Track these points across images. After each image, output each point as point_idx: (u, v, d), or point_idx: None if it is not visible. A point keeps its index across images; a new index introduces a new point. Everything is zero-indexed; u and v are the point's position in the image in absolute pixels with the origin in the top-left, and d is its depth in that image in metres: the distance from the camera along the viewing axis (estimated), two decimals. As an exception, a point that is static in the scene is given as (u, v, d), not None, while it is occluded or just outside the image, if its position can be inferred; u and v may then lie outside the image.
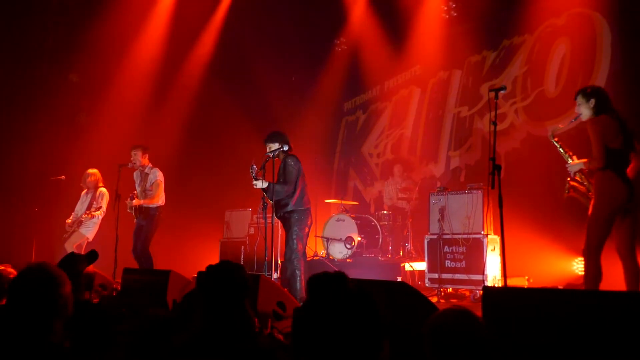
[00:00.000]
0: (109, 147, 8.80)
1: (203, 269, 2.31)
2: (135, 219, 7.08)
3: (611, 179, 4.22)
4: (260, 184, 5.59)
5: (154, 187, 7.00)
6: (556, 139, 4.64)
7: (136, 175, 7.28)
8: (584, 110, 4.42)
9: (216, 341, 2.12)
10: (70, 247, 7.39)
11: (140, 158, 7.07)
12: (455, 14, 8.63)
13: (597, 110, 4.35)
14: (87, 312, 2.51)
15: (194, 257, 8.05)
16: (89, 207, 7.46)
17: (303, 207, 5.65)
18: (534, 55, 7.71)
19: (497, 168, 4.08)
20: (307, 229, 5.67)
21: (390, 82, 9.93)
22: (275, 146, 5.72)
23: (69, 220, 7.55)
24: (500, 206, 4.13)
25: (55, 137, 8.98)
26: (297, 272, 5.43)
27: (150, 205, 7.01)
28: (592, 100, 4.37)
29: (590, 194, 4.44)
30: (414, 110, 9.48)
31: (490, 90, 4.42)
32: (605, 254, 4.26)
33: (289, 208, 5.62)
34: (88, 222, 7.44)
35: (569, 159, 4.55)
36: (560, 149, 4.61)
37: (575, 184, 4.54)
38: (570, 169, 4.54)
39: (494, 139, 4.19)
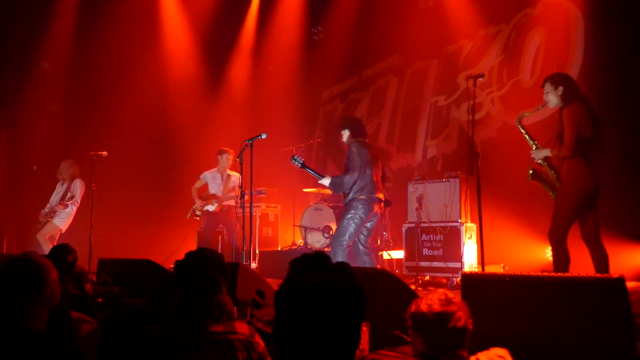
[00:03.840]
0: (81, 136, 8.65)
1: (180, 259, 2.29)
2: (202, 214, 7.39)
3: (581, 167, 4.29)
4: (326, 182, 5.44)
5: (237, 188, 7.25)
6: (522, 125, 4.70)
7: (213, 176, 7.40)
8: (552, 98, 4.47)
9: (193, 328, 2.10)
10: (42, 238, 7.29)
11: (229, 163, 7.33)
12: (432, 4, 8.65)
13: (566, 98, 4.40)
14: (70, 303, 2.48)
15: (170, 247, 7.96)
16: (63, 198, 7.34)
17: (361, 196, 5.30)
18: (509, 45, 7.78)
19: (475, 155, 4.11)
20: (361, 217, 5.26)
21: (368, 71, 9.92)
22: (346, 134, 5.56)
23: (43, 211, 7.42)
24: (479, 194, 4.17)
25: (26, 126, 8.78)
26: (339, 258, 5.17)
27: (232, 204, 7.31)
28: (561, 88, 4.42)
29: (551, 180, 4.53)
30: (391, 99, 9.50)
31: (468, 78, 4.44)
32: (574, 240, 4.37)
33: (348, 198, 5.36)
34: (61, 212, 7.33)
35: (534, 146, 4.61)
36: (526, 136, 4.67)
37: (538, 170, 4.62)
38: (534, 156, 4.60)
39: (472, 126, 4.22)
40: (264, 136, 5.87)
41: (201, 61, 10.01)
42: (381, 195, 5.44)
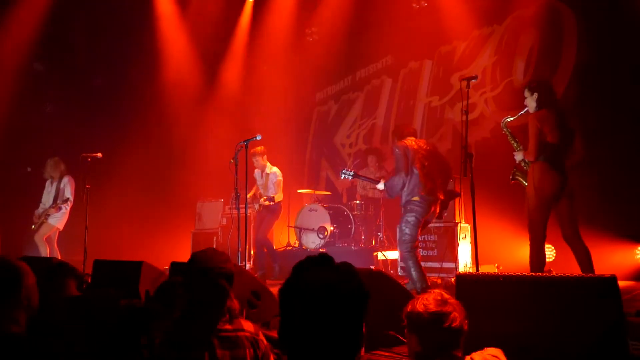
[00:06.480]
0: (74, 137, 8.63)
1: (175, 259, 2.29)
2: (256, 211, 7.50)
3: (544, 171, 4.45)
4: (381, 186, 5.41)
5: (276, 186, 7.41)
6: (507, 128, 4.83)
7: (257, 173, 7.58)
8: (530, 103, 4.67)
9: (203, 326, 2.14)
10: (40, 239, 7.28)
11: (261, 162, 7.42)
12: (426, 4, 8.68)
13: (539, 104, 4.56)
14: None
15: (165, 248, 7.96)
16: (55, 197, 7.33)
17: (414, 197, 5.12)
18: (502, 46, 7.82)
19: (469, 156, 4.15)
20: (416, 217, 5.08)
21: (362, 72, 9.94)
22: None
23: (37, 212, 7.41)
24: (473, 194, 4.20)
25: (20, 127, 8.75)
26: (409, 262, 5.05)
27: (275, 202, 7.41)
28: (536, 94, 4.59)
29: None
30: (385, 100, 9.53)
31: (461, 79, 4.49)
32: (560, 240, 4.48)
33: (402, 201, 5.20)
34: (56, 212, 7.31)
35: (518, 148, 4.75)
36: (510, 138, 4.81)
37: (520, 172, 4.78)
38: (515, 158, 4.78)
39: (466, 127, 4.26)
40: (259, 137, 5.88)
41: (196, 63, 10.01)
42: (439, 195, 5.21)
